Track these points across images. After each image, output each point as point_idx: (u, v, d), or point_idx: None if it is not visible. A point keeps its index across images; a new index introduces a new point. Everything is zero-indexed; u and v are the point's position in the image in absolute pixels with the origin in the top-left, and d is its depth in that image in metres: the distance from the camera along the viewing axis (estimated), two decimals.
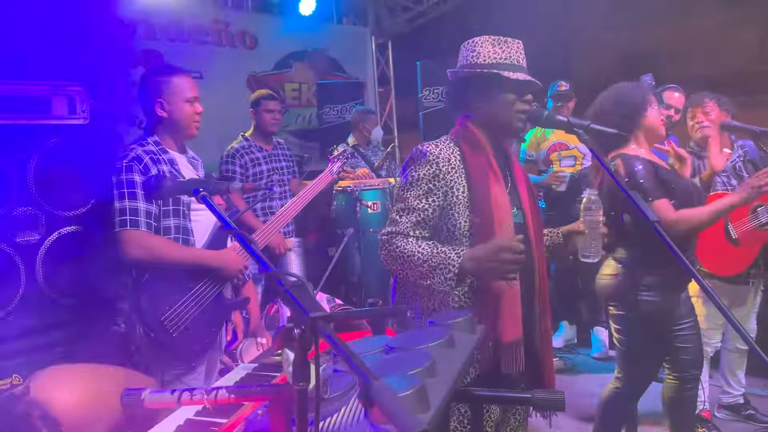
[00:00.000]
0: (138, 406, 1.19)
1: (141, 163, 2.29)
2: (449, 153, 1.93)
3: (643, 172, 2.47)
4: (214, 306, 2.36)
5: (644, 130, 2.57)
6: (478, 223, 1.87)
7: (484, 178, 1.91)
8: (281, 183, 4.22)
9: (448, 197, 1.89)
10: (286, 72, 6.33)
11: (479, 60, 1.94)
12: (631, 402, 2.75)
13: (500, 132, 2.01)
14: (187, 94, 2.44)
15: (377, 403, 0.74)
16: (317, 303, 0.93)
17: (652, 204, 2.42)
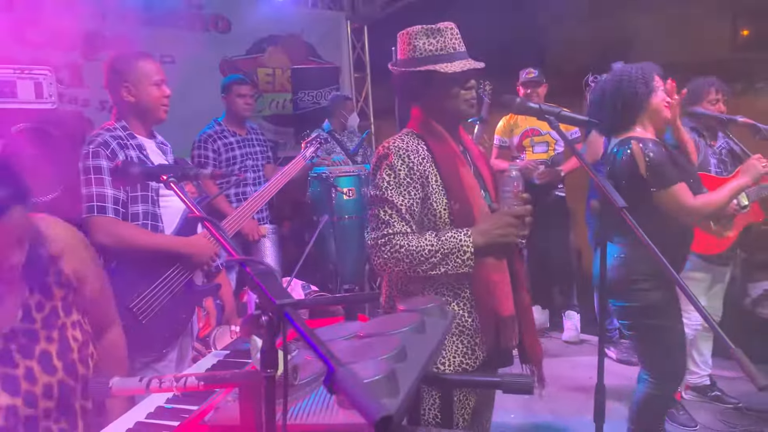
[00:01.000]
0: (105, 393, 1.19)
1: (108, 149, 2.26)
2: (416, 145, 1.94)
3: (662, 154, 2.44)
4: (184, 293, 2.34)
5: (649, 113, 2.54)
6: (457, 209, 1.89)
7: (453, 165, 1.93)
8: (255, 168, 4.19)
9: (425, 188, 1.90)
10: (259, 56, 6.25)
11: (416, 54, 1.93)
12: (666, 399, 2.65)
13: (451, 120, 2.02)
14: (154, 78, 2.40)
15: (341, 389, 0.75)
16: (285, 290, 0.93)
17: (673, 188, 2.41)
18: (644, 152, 2.43)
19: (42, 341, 1.30)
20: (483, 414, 2.10)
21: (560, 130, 1.88)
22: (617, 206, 1.65)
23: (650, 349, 2.59)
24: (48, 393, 1.28)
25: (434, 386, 1.75)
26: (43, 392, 1.27)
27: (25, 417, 1.24)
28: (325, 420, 1.05)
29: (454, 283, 1.91)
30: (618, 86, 2.55)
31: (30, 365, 1.27)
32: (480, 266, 1.86)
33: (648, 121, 2.56)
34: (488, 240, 1.82)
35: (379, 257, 1.85)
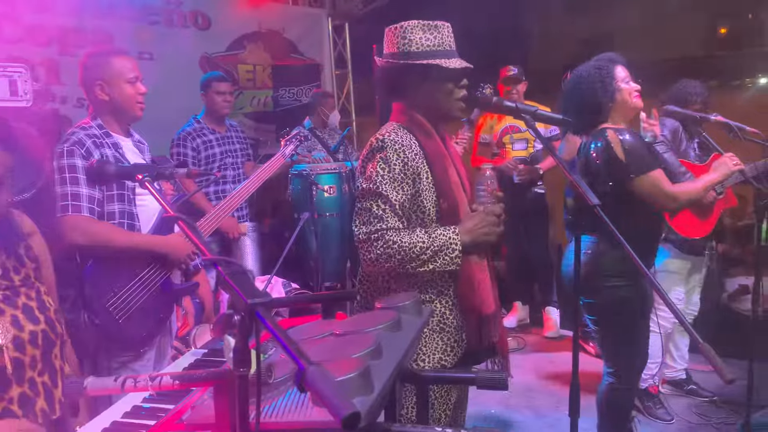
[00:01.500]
0: (80, 393, 1.19)
1: (83, 148, 2.24)
2: (409, 140, 1.91)
3: (637, 141, 2.47)
4: (162, 292, 2.33)
5: (616, 108, 2.55)
6: (445, 207, 1.89)
7: (442, 163, 1.94)
8: (234, 166, 4.17)
9: (416, 184, 1.88)
10: (240, 53, 6.21)
11: (412, 48, 1.90)
12: (631, 392, 2.67)
13: (440, 119, 2.02)
14: (128, 75, 2.37)
15: (311, 387, 0.75)
16: (257, 289, 0.94)
17: (652, 174, 2.42)
18: (620, 138, 2.45)
19: (22, 296, 1.43)
20: (458, 409, 2.13)
21: (536, 128, 1.91)
22: (591, 203, 1.67)
23: (615, 344, 2.62)
24: (34, 341, 1.39)
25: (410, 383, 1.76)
26: (30, 339, 1.38)
27: (15, 360, 1.34)
28: (300, 418, 1.06)
29: (438, 281, 1.92)
30: (577, 90, 2.58)
31: (15, 314, 1.39)
32: (465, 265, 1.87)
33: (617, 115, 2.57)
34: (474, 238, 1.84)
35: (371, 252, 1.81)
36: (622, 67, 2.56)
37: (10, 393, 1.34)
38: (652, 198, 2.45)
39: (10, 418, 1.33)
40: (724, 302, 5.23)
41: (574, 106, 2.57)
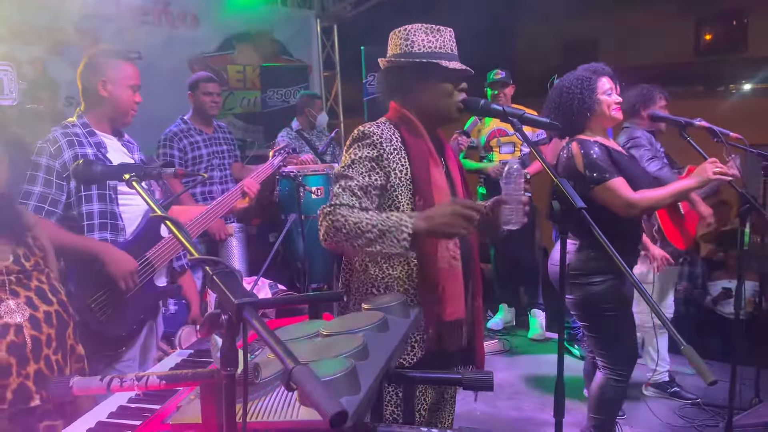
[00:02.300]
0: (66, 393, 1.18)
1: (54, 146, 2.23)
2: (391, 134, 1.93)
3: (599, 153, 2.60)
4: (144, 293, 2.31)
5: (594, 119, 2.69)
6: (421, 205, 1.89)
7: (425, 162, 1.94)
8: (222, 167, 4.15)
9: (391, 178, 1.89)
10: (229, 54, 6.20)
11: (414, 49, 1.94)
12: (623, 385, 2.77)
13: (436, 119, 2.03)
14: (131, 81, 2.41)
15: (298, 387, 0.76)
16: (245, 289, 0.94)
17: (610, 182, 2.55)
18: (581, 151, 2.61)
19: (34, 279, 1.51)
20: (444, 410, 2.13)
21: (523, 132, 1.92)
22: (576, 206, 1.69)
23: (603, 337, 2.74)
24: (48, 320, 1.48)
25: (396, 383, 1.77)
26: (44, 318, 1.47)
27: (32, 337, 1.43)
28: (287, 417, 1.07)
29: (405, 279, 1.92)
30: (559, 99, 2.71)
31: (29, 295, 1.48)
32: (430, 270, 1.87)
33: (595, 125, 2.71)
34: (430, 226, 1.72)
35: (321, 226, 1.82)
36: (607, 79, 2.68)
37: (27, 369, 1.42)
38: (611, 206, 2.56)
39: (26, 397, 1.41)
40: (707, 305, 5.30)
41: (556, 113, 2.68)
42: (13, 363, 1.39)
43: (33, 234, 1.59)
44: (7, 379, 1.38)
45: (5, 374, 1.38)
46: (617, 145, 2.87)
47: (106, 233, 2.29)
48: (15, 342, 1.39)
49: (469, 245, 2.04)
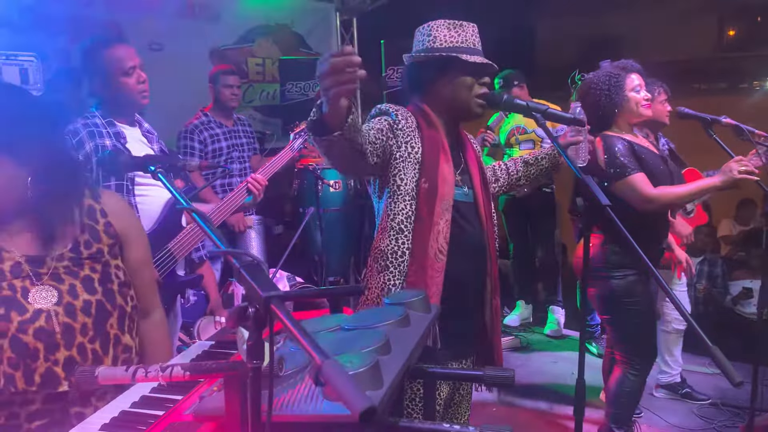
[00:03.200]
0: (91, 383, 1.19)
1: (75, 138, 2.23)
2: (408, 116, 1.96)
3: (621, 148, 2.61)
4: (166, 283, 2.32)
5: (621, 116, 2.71)
6: (426, 188, 1.90)
7: (436, 151, 1.94)
8: (241, 160, 4.17)
9: (401, 150, 1.91)
10: (249, 46, 6.21)
11: (436, 44, 1.95)
12: (642, 380, 2.80)
13: (457, 115, 2.03)
14: (125, 66, 2.31)
15: (327, 381, 0.76)
16: (272, 282, 0.94)
17: (630, 177, 2.57)
18: (604, 146, 2.63)
19: (86, 269, 1.50)
20: (461, 406, 2.13)
21: (546, 127, 1.90)
22: (601, 203, 1.68)
23: (623, 331, 2.77)
24: (86, 309, 1.47)
25: (416, 378, 1.77)
26: (83, 307, 1.47)
27: (64, 324, 1.43)
28: (310, 411, 1.07)
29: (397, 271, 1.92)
30: (587, 94, 2.74)
31: (74, 283, 1.47)
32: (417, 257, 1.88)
33: (622, 122, 2.73)
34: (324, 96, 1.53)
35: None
36: (636, 75, 2.68)
37: (56, 355, 1.43)
38: (629, 200, 2.58)
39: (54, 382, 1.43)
40: (727, 305, 5.24)
41: (590, 107, 2.64)
42: (41, 348, 1.41)
43: (108, 221, 1.59)
44: (35, 363, 1.40)
45: (33, 358, 1.40)
46: (646, 141, 2.85)
47: None
48: (44, 328, 1.41)
49: (484, 242, 2.04)
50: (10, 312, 1.39)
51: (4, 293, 1.40)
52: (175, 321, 2.55)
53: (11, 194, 1.43)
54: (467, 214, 2.01)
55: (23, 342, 1.39)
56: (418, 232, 1.90)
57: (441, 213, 1.90)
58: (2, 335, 1.38)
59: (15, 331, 1.38)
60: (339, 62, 1.41)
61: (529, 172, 2.32)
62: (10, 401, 1.42)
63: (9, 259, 1.43)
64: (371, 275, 1.99)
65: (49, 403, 1.44)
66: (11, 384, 1.39)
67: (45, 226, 1.47)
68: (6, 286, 1.41)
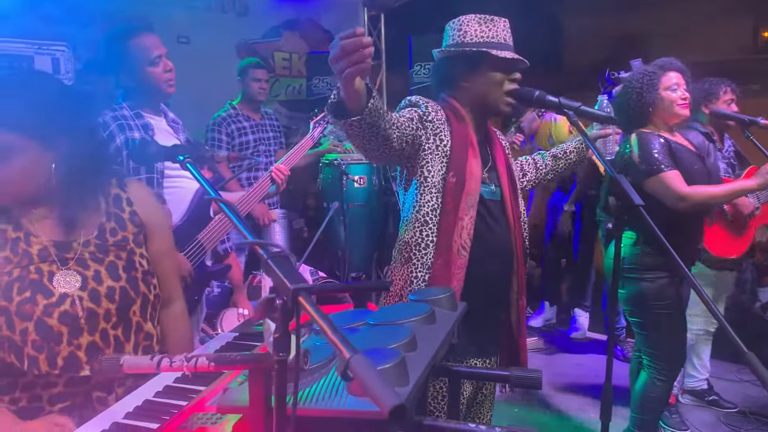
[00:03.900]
0: (116, 371, 1.19)
1: (106, 131, 2.23)
2: (437, 108, 1.94)
3: (657, 145, 2.58)
4: (195, 274, 2.33)
5: (656, 113, 2.67)
6: (453, 182, 1.88)
7: (464, 146, 1.92)
8: (267, 153, 4.20)
9: (430, 141, 1.89)
10: (276, 41, 6.23)
11: (466, 39, 1.92)
12: (668, 385, 2.75)
13: (486, 111, 2.00)
14: (150, 56, 2.31)
15: (356, 376, 0.74)
16: (300, 274, 0.92)
17: (663, 174, 2.53)
18: (639, 143, 2.60)
19: (111, 255, 1.52)
20: (483, 406, 2.11)
21: (579, 124, 1.87)
22: (634, 203, 1.64)
23: (652, 335, 2.72)
24: (110, 295, 1.48)
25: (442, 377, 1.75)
26: (107, 293, 1.48)
27: (88, 310, 1.44)
28: (335, 406, 1.05)
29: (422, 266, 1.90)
30: (624, 91, 2.73)
31: (98, 269, 1.49)
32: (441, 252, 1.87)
33: (658, 120, 2.69)
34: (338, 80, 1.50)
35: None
36: (675, 74, 2.63)
37: (80, 340, 1.44)
38: (662, 197, 2.54)
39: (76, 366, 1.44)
40: (755, 311, 5.13)
41: (619, 106, 2.70)
42: (65, 332, 1.42)
43: (133, 209, 1.60)
44: (58, 346, 1.42)
45: (57, 341, 1.42)
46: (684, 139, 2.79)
47: None
48: (68, 312, 1.42)
49: (511, 242, 2.01)
50: (36, 295, 1.40)
51: (32, 277, 1.42)
52: (200, 311, 2.56)
53: (35, 179, 1.43)
54: (494, 211, 1.98)
55: (48, 325, 1.41)
56: (443, 225, 1.88)
57: (466, 209, 1.88)
58: (28, 318, 1.39)
59: (40, 314, 1.40)
60: (349, 44, 1.40)
61: (557, 166, 2.34)
62: (33, 383, 1.43)
63: (37, 244, 1.45)
64: (395, 267, 1.98)
65: (71, 387, 1.46)
66: (35, 366, 1.40)
67: (66, 212, 1.48)
68: (33, 270, 1.42)
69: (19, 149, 1.38)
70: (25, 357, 1.40)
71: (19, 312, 1.39)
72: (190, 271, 2.27)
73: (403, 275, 1.94)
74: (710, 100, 3.31)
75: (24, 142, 1.38)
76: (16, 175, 1.40)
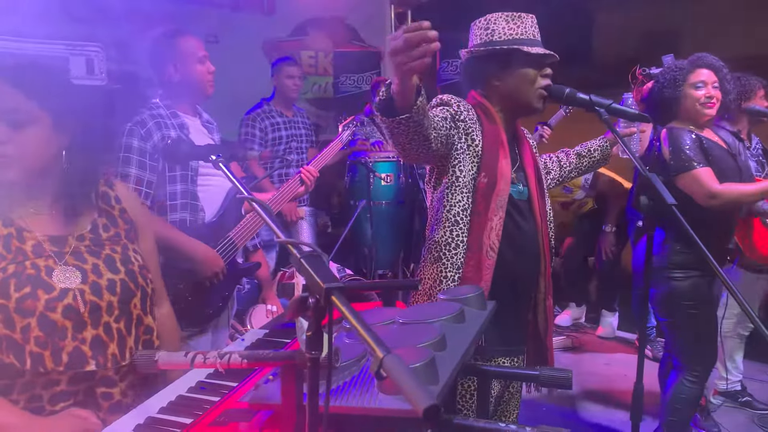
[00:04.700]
0: (152, 367, 1.22)
1: (144, 128, 2.27)
2: (468, 108, 1.93)
3: (688, 141, 2.56)
4: (227, 271, 2.36)
5: (682, 109, 2.65)
6: (485, 183, 1.87)
7: (495, 146, 1.91)
8: (299, 151, 4.26)
9: (462, 141, 1.88)
10: (302, 39, 6.27)
11: (494, 37, 1.90)
12: (700, 386, 2.72)
13: (517, 108, 1.98)
14: (199, 54, 2.41)
15: (390, 376, 0.75)
16: (332, 273, 0.93)
17: (695, 171, 2.50)
18: (669, 139, 2.58)
19: (107, 249, 1.53)
20: (510, 404, 2.10)
21: (610, 122, 1.85)
22: (667, 203, 1.62)
23: (683, 335, 2.68)
24: (111, 288, 1.48)
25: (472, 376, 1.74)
26: (107, 286, 1.47)
27: (91, 303, 1.44)
28: (366, 404, 1.06)
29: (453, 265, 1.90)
30: (654, 85, 2.73)
31: (96, 262, 1.48)
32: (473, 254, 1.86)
33: (684, 116, 2.66)
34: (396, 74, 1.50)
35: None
36: (705, 71, 2.61)
37: (84, 334, 1.43)
38: (692, 194, 2.52)
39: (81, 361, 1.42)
40: None
41: (649, 100, 2.71)
42: (69, 326, 1.40)
43: (122, 207, 1.61)
44: (62, 341, 1.39)
45: (61, 336, 1.39)
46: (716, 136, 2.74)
47: (186, 213, 2.34)
48: (72, 306, 1.41)
49: (538, 242, 2.00)
50: (36, 290, 1.38)
51: (29, 272, 1.39)
52: (231, 307, 2.59)
53: (44, 155, 1.44)
54: (523, 212, 1.97)
55: (51, 320, 1.38)
56: (474, 226, 1.87)
57: (495, 209, 1.87)
58: (29, 314, 1.37)
59: (43, 309, 1.38)
60: (414, 36, 1.36)
61: (581, 164, 2.33)
62: (32, 383, 1.40)
63: (31, 239, 1.43)
64: (425, 266, 1.98)
65: (74, 384, 1.44)
66: (40, 364, 1.37)
67: (71, 201, 1.49)
68: (29, 265, 1.40)
69: (35, 120, 1.41)
70: (27, 355, 1.37)
71: (19, 308, 1.36)
72: (222, 267, 2.30)
73: (432, 274, 1.94)
74: (744, 97, 3.25)
75: (41, 114, 1.42)
76: (29, 145, 1.41)
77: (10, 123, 1.38)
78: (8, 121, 1.38)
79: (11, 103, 1.38)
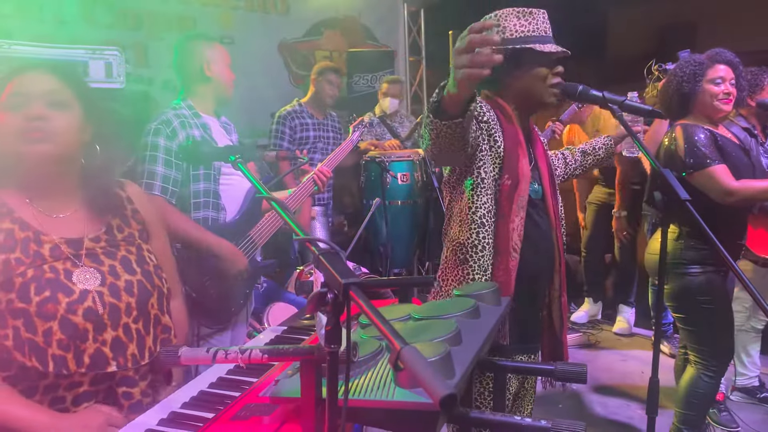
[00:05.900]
0: (174, 362, 1.25)
1: (169, 127, 2.31)
2: (488, 109, 1.91)
3: (702, 138, 2.55)
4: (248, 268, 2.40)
5: (697, 105, 2.64)
6: (509, 184, 1.86)
7: (515, 146, 1.90)
8: (324, 152, 4.34)
9: (485, 142, 1.86)
10: (317, 39, 6.30)
11: (506, 35, 1.88)
12: (716, 382, 2.71)
13: (531, 107, 1.98)
14: (228, 59, 2.55)
15: (407, 367, 0.77)
16: (350, 270, 0.96)
17: (710, 168, 2.50)
18: (684, 136, 2.56)
19: (122, 250, 1.55)
20: (525, 399, 2.11)
21: (623, 119, 1.85)
22: (681, 198, 1.62)
23: (698, 330, 2.68)
24: (129, 289, 1.49)
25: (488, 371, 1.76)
26: (125, 287, 1.49)
27: (110, 305, 1.45)
28: (383, 397, 1.08)
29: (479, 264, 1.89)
30: (669, 79, 2.71)
31: (113, 264, 1.50)
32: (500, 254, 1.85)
33: (699, 112, 2.66)
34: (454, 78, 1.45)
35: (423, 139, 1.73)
36: (722, 67, 2.59)
37: (104, 335, 1.44)
38: (708, 192, 2.51)
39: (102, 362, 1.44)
40: None
41: (663, 94, 2.70)
42: (90, 328, 1.41)
43: (134, 207, 1.63)
44: (84, 344, 1.40)
45: (83, 338, 1.40)
46: (729, 132, 2.73)
47: (209, 212, 2.39)
48: (92, 308, 1.42)
49: (552, 239, 2.01)
50: (56, 293, 1.39)
51: (48, 276, 1.40)
52: (249, 305, 2.63)
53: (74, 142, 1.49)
54: (539, 210, 1.97)
55: (73, 323, 1.39)
56: (499, 228, 1.86)
57: (517, 210, 1.86)
58: (51, 317, 1.37)
59: (64, 312, 1.38)
60: (476, 39, 1.31)
61: (586, 162, 2.33)
62: (56, 385, 1.41)
63: (48, 242, 1.44)
64: (448, 267, 1.96)
65: (96, 384, 1.45)
66: (63, 367, 1.38)
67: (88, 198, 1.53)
68: (48, 269, 1.41)
69: (69, 104, 1.48)
70: (49, 358, 1.37)
71: (41, 312, 1.36)
72: (246, 265, 2.35)
73: (458, 276, 1.92)
74: (755, 91, 3.22)
75: (74, 101, 1.49)
76: (62, 126, 1.45)
77: (47, 103, 1.44)
78: (47, 101, 1.44)
79: (49, 86, 1.46)
